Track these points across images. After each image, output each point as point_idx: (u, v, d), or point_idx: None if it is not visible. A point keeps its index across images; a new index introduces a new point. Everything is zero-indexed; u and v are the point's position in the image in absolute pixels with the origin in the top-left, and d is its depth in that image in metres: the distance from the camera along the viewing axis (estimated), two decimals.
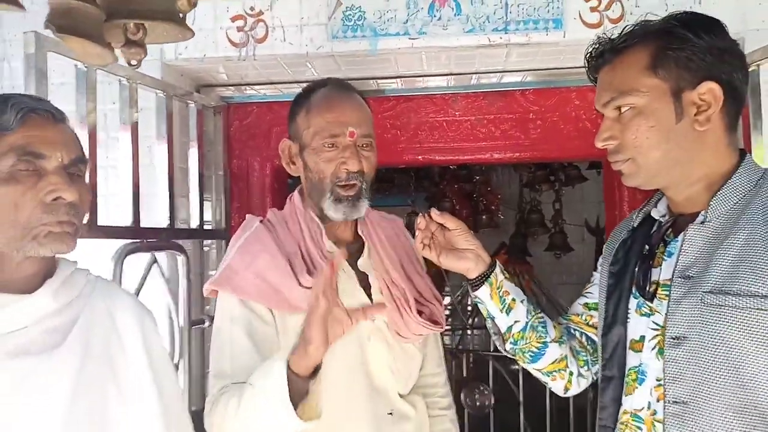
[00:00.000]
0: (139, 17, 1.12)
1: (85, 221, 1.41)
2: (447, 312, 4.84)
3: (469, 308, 4.81)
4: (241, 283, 1.34)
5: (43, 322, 1.04)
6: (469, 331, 5.21)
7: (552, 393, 3.86)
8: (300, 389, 1.18)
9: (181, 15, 1.21)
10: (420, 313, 1.41)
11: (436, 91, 2.30)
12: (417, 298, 1.44)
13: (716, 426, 1.01)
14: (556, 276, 5.28)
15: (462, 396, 3.92)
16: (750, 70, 1.74)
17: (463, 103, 2.29)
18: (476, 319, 5.03)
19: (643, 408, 1.12)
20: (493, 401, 4.23)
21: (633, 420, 1.13)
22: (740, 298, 1.00)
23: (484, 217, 5.18)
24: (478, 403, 4.59)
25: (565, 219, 5.21)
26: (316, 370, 1.20)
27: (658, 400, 1.09)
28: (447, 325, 4.77)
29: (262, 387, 1.20)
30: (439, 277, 4.30)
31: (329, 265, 1.18)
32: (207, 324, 2.02)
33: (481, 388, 4.61)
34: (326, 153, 1.36)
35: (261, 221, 1.45)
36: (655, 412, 1.09)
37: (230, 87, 2.28)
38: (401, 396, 1.43)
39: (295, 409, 1.16)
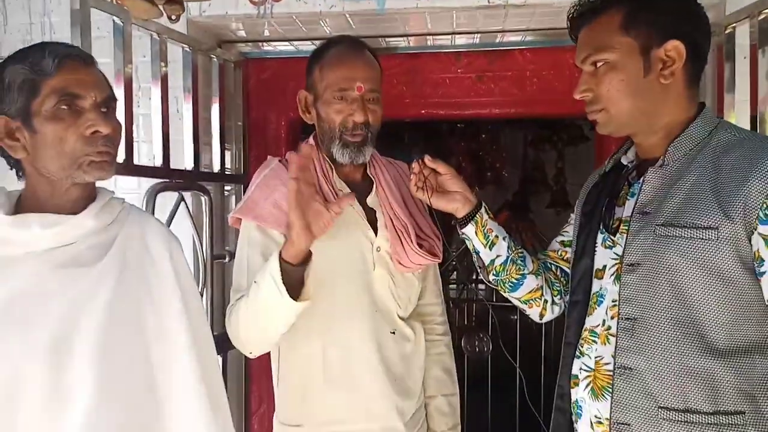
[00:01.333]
0: None
1: (121, 160, 1.54)
2: (452, 266, 4.97)
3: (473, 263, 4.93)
4: (260, 212, 1.47)
5: (88, 240, 1.17)
6: (472, 285, 5.35)
7: (546, 341, 4.03)
8: (292, 276, 1.29)
9: None
10: (420, 246, 1.52)
11: (440, 50, 2.38)
12: (418, 232, 1.55)
13: (659, 337, 1.14)
14: (557, 232, 5.39)
15: (463, 342, 4.05)
16: (727, 32, 1.82)
17: (465, 61, 2.36)
18: (478, 275, 5.16)
19: (598, 325, 1.25)
20: (491, 347, 4.38)
21: (591, 336, 1.26)
22: (686, 229, 1.11)
23: (488, 174, 5.26)
24: (477, 349, 4.76)
25: (567, 178, 5.29)
26: (306, 259, 1.30)
27: (612, 318, 1.21)
28: (452, 279, 4.91)
29: (262, 279, 1.32)
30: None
31: (301, 156, 1.28)
32: (227, 259, 2.16)
33: (481, 335, 4.77)
34: (336, 105, 1.47)
35: (279, 160, 1.57)
36: (609, 328, 1.22)
37: (249, 43, 2.37)
38: (402, 319, 1.56)
39: (290, 293, 1.27)
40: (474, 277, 5.28)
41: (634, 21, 1.18)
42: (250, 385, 2.43)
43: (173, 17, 1.27)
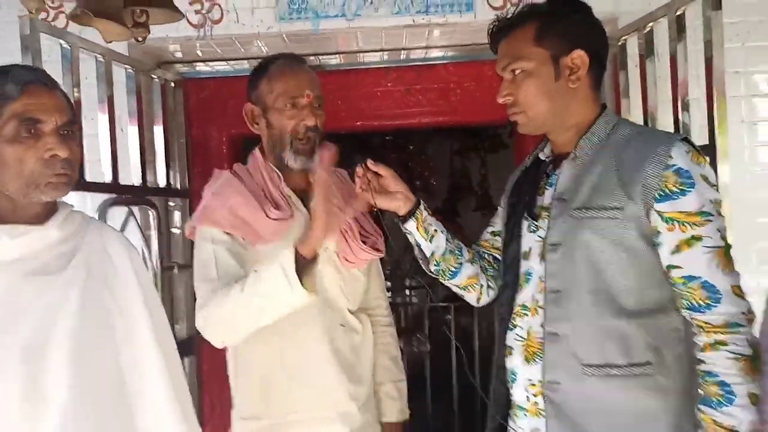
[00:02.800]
0: (143, 4, 1.31)
1: None
2: (388, 271, 5.09)
3: (408, 268, 5.08)
4: (218, 218, 1.51)
5: (53, 249, 1.20)
6: (407, 291, 5.48)
7: (479, 337, 4.18)
8: (301, 271, 1.34)
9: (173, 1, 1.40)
10: (364, 242, 1.62)
11: (371, 66, 2.51)
12: (361, 231, 1.64)
13: (580, 305, 1.29)
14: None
15: (401, 344, 4.16)
16: (620, 43, 2.04)
17: (394, 76, 2.51)
18: (412, 281, 5.30)
19: (528, 300, 1.38)
20: (428, 347, 4.50)
21: (522, 310, 1.39)
22: (597, 210, 1.27)
23: (417, 182, 5.43)
24: (415, 350, 4.88)
25: (490, 183, 5.54)
26: (316, 257, 1.38)
27: (539, 292, 1.35)
28: (388, 285, 5.03)
29: (268, 269, 1.35)
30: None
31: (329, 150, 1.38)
32: (176, 270, 2.20)
33: (418, 335, 4.89)
34: (288, 112, 1.55)
35: (230, 172, 1.63)
36: (537, 301, 1.36)
37: (186, 64, 2.43)
38: (351, 312, 1.65)
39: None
40: (407, 284, 5.43)
41: (546, 34, 1.33)
42: (201, 392, 2.45)
43: (140, 39, 1.34)
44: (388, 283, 4.96)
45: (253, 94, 1.62)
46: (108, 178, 1.84)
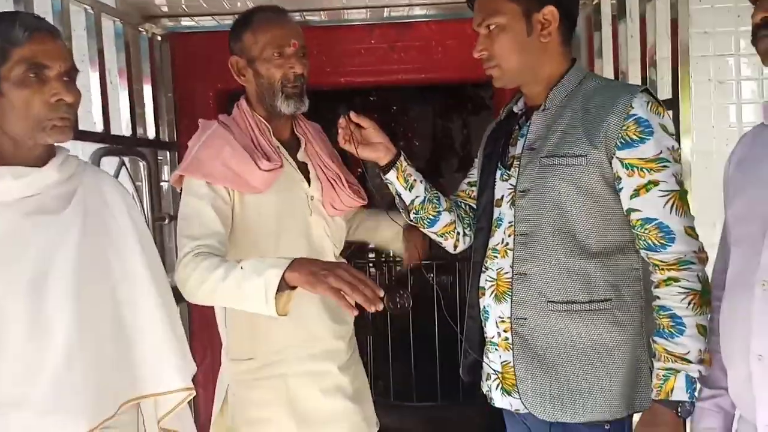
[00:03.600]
0: None
1: None
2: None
3: None
4: (209, 170, 1.55)
5: (52, 190, 1.26)
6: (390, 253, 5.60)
7: (460, 295, 4.29)
8: (281, 290, 1.35)
9: None
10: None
11: (355, 23, 2.54)
12: (346, 178, 1.72)
13: (546, 246, 1.38)
14: None
15: (385, 300, 4.26)
16: (594, 3, 2.10)
17: (377, 33, 2.54)
18: None
19: (498, 243, 1.47)
20: (411, 303, 4.62)
21: (493, 253, 1.49)
22: (563, 158, 1.36)
23: (401, 143, 5.47)
24: (399, 305, 4.99)
25: (472, 144, 5.60)
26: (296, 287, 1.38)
27: (509, 236, 1.44)
28: (371, 246, 5.11)
29: (252, 281, 1.35)
30: None
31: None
32: (166, 221, 2.26)
33: (401, 292, 5.00)
34: (276, 60, 1.58)
35: (218, 122, 1.66)
36: (507, 244, 1.45)
37: (172, 19, 2.44)
38: (335, 257, 1.73)
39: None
40: None
41: None
42: (192, 339, 2.54)
43: None
44: (371, 246, 5.05)
45: (236, 47, 1.65)
46: (99, 128, 1.89)
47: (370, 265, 4.74)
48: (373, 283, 1.30)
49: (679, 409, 1.29)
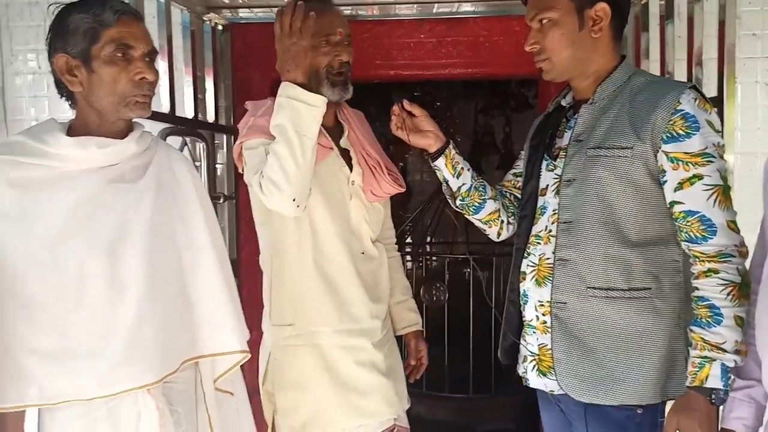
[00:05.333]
0: None
1: None
2: (409, 226, 5.22)
3: (428, 225, 5.20)
4: (267, 129, 1.56)
5: (130, 161, 1.36)
6: (427, 247, 5.62)
7: (495, 288, 4.30)
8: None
9: None
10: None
11: (405, 17, 2.60)
12: (386, 166, 1.77)
13: (588, 234, 1.42)
14: None
15: (421, 292, 4.29)
16: (642, 2, 2.12)
17: (426, 28, 2.60)
18: (432, 237, 5.44)
19: (542, 230, 1.51)
20: (447, 296, 4.66)
21: (536, 239, 1.53)
22: (609, 149, 1.39)
23: None
24: (434, 298, 5.03)
25: (513, 141, 5.60)
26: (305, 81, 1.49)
27: (552, 223, 1.48)
28: (408, 240, 5.15)
29: (282, 109, 1.46)
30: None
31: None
32: (221, 200, 2.36)
33: (438, 285, 5.04)
34: (323, 48, 1.64)
35: (269, 100, 1.68)
36: (550, 231, 1.49)
37: (233, 9, 2.54)
38: (372, 241, 1.78)
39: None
40: (428, 240, 5.57)
41: None
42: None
43: None
44: (409, 239, 5.10)
45: None
46: (166, 109, 1.99)
47: (408, 258, 4.79)
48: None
49: (712, 397, 1.31)
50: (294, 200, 1.51)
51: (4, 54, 2.39)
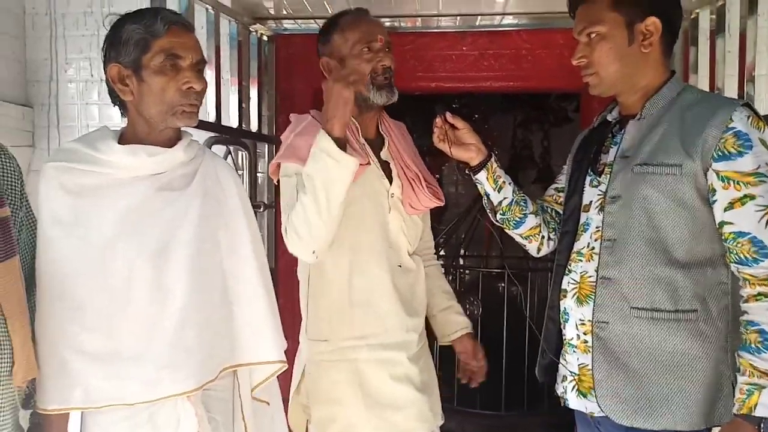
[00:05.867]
0: None
1: None
2: (442, 239, 5.19)
3: (462, 238, 5.16)
4: (303, 154, 1.61)
5: (178, 169, 1.38)
6: (461, 260, 5.58)
7: (525, 302, 4.24)
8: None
9: None
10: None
11: (448, 30, 2.60)
12: (425, 179, 1.77)
13: (633, 253, 1.38)
14: None
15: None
16: (691, 17, 2.07)
17: (469, 40, 2.59)
18: (466, 250, 5.40)
19: (584, 247, 1.48)
20: (481, 310, 4.61)
21: (578, 256, 1.50)
22: (657, 167, 1.36)
23: None
24: (468, 312, 4.98)
25: (552, 155, 5.52)
26: (344, 135, 1.52)
27: (595, 240, 1.45)
28: (442, 253, 5.12)
29: (314, 161, 1.50)
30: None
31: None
32: (261, 209, 2.39)
33: (471, 299, 5.00)
34: (366, 56, 1.66)
35: (311, 116, 1.74)
36: (593, 249, 1.46)
37: (278, 20, 2.58)
38: (408, 254, 1.78)
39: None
40: (462, 252, 5.53)
41: (622, 1, 1.40)
42: None
43: None
44: (443, 252, 5.07)
45: (326, 49, 1.73)
46: (211, 118, 2.02)
47: (442, 271, 4.75)
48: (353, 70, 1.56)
49: (761, 426, 1.27)
50: (313, 252, 1.58)
51: (59, 62, 2.47)
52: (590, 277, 1.45)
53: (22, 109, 2.47)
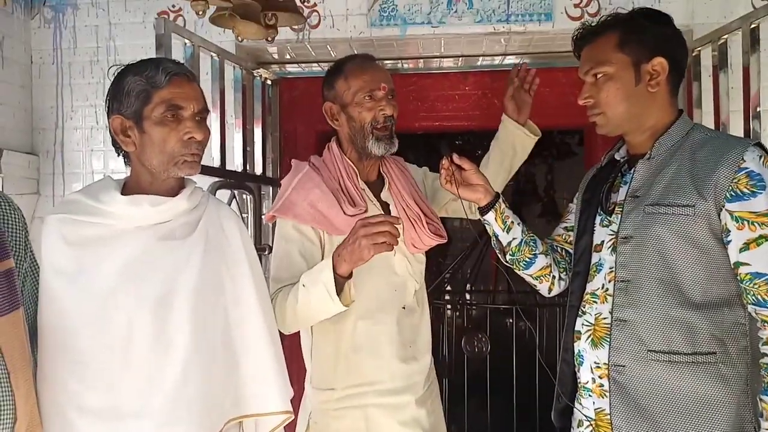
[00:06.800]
0: (276, 9, 1.49)
1: None
2: (447, 275, 5.14)
3: (467, 276, 5.10)
4: (299, 211, 1.63)
5: (181, 218, 1.36)
6: (467, 296, 5.52)
7: (537, 339, 4.17)
8: (339, 285, 1.48)
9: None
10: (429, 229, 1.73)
11: (450, 71, 2.61)
12: (426, 217, 1.74)
13: (648, 294, 1.35)
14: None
15: (462, 343, 4.19)
16: (693, 54, 2.07)
17: (471, 80, 2.60)
18: (473, 286, 5.34)
19: (598, 288, 1.45)
20: (489, 347, 4.53)
21: (591, 298, 1.46)
22: (669, 207, 1.33)
23: None
24: (476, 349, 4.91)
25: (556, 189, 5.51)
26: (350, 275, 1.51)
27: (609, 281, 1.42)
28: (448, 288, 5.06)
29: (313, 287, 1.50)
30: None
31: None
32: (267, 252, 2.36)
33: (479, 335, 4.92)
34: (367, 104, 1.66)
35: (308, 165, 1.73)
36: (607, 290, 1.42)
37: (281, 64, 2.60)
38: (415, 292, 1.74)
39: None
40: (468, 287, 5.48)
41: (628, 41, 1.40)
42: None
43: (269, 39, 1.52)
44: (449, 287, 5.02)
45: (330, 94, 1.73)
46: (216, 163, 2.01)
47: (448, 307, 4.69)
48: (386, 217, 1.46)
49: None
50: (288, 332, 1.64)
51: (65, 110, 2.48)
52: (605, 318, 1.42)
53: (28, 157, 2.47)
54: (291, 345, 1.95)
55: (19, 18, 2.45)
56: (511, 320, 4.40)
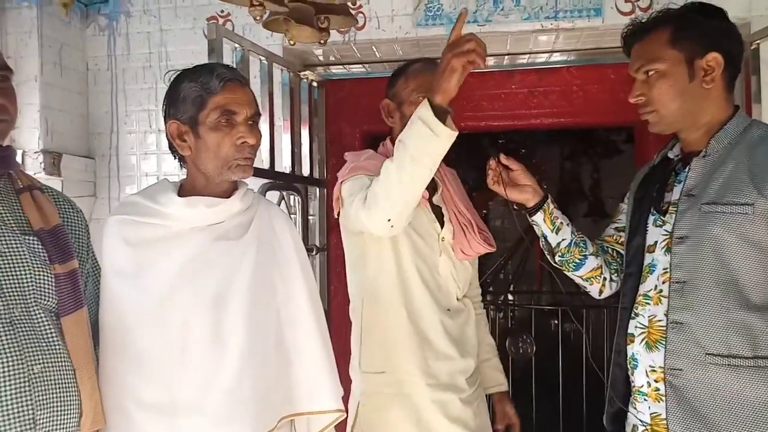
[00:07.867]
0: (329, 12, 1.51)
1: None
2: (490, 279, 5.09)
3: (510, 276, 5.06)
4: (369, 167, 1.60)
5: (234, 219, 1.39)
6: (510, 296, 5.47)
7: (585, 341, 4.10)
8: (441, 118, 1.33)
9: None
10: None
11: (496, 69, 2.59)
12: (476, 225, 1.74)
13: (705, 295, 1.31)
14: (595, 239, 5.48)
15: (507, 344, 4.14)
16: (752, 48, 2.00)
17: (518, 78, 2.58)
18: (515, 286, 5.28)
19: (651, 290, 1.42)
20: (534, 349, 4.48)
21: (644, 299, 1.43)
22: (727, 206, 1.29)
23: None
24: (521, 351, 4.85)
25: (603, 188, 5.41)
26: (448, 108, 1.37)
27: (663, 283, 1.38)
28: (490, 289, 5.02)
29: (411, 130, 1.36)
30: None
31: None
32: (314, 252, 2.40)
33: (524, 337, 4.87)
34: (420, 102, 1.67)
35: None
36: (661, 291, 1.39)
37: (327, 66, 2.63)
38: (458, 299, 1.76)
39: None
40: (511, 288, 5.42)
41: (680, 37, 1.37)
42: None
43: (322, 41, 1.55)
44: (491, 288, 4.98)
45: (390, 92, 1.76)
46: (266, 165, 2.05)
47: (491, 307, 4.66)
48: (472, 36, 1.33)
49: None
50: (389, 220, 1.47)
51: (119, 114, 2.57)
52: (659, 321, 1.38)
53: (85, 161, 2.57)
54: (341, 342, 1.97)
55: (75, 27, 2.55)
56: (556, 321, 4.33)
